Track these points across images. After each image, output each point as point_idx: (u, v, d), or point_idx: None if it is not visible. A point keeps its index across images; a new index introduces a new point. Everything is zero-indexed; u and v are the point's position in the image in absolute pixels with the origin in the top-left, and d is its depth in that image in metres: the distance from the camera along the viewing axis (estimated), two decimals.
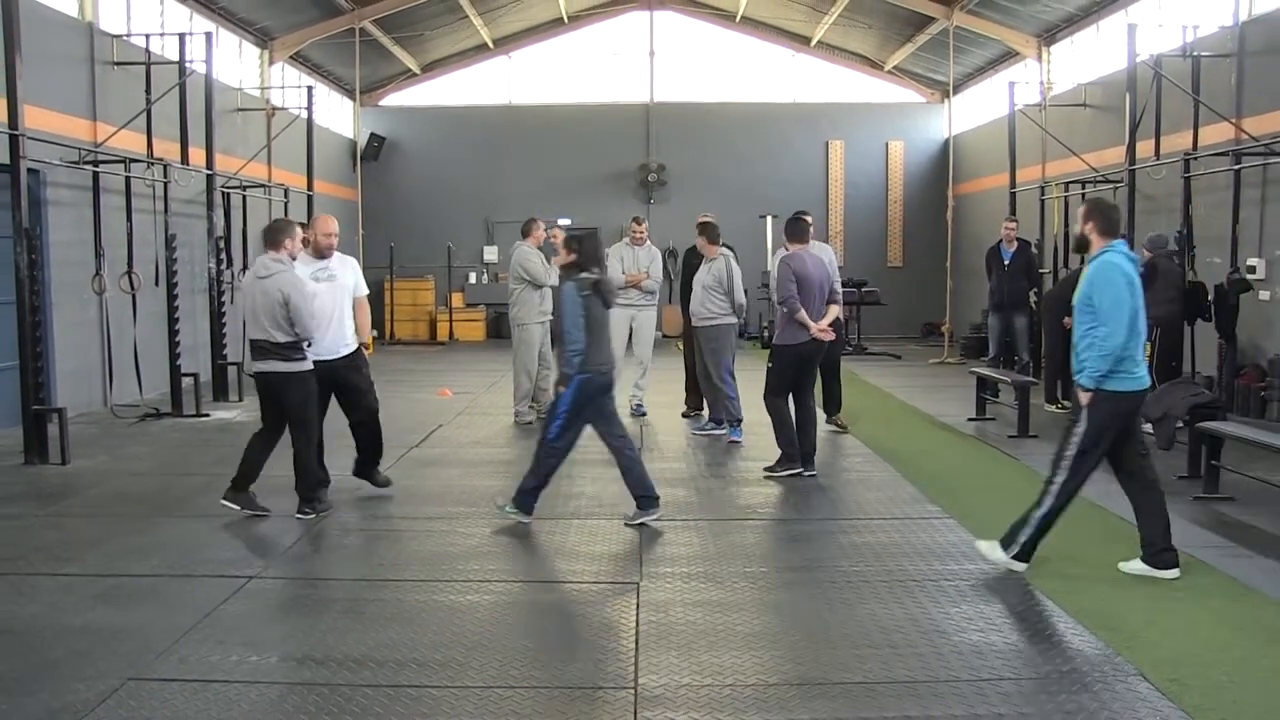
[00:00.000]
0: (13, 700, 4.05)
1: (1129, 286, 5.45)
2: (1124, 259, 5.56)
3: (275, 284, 6.56)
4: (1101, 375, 5.45)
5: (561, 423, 6.57)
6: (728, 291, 9.62)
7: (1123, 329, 5.39)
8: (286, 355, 6.64)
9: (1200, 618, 4.94)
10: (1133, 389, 5.54)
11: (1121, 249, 5.61)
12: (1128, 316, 5.39)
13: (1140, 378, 5.57)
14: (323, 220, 7.53)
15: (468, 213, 21.51)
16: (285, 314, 6.53)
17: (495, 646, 4.64)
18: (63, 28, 11.36)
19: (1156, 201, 12.51)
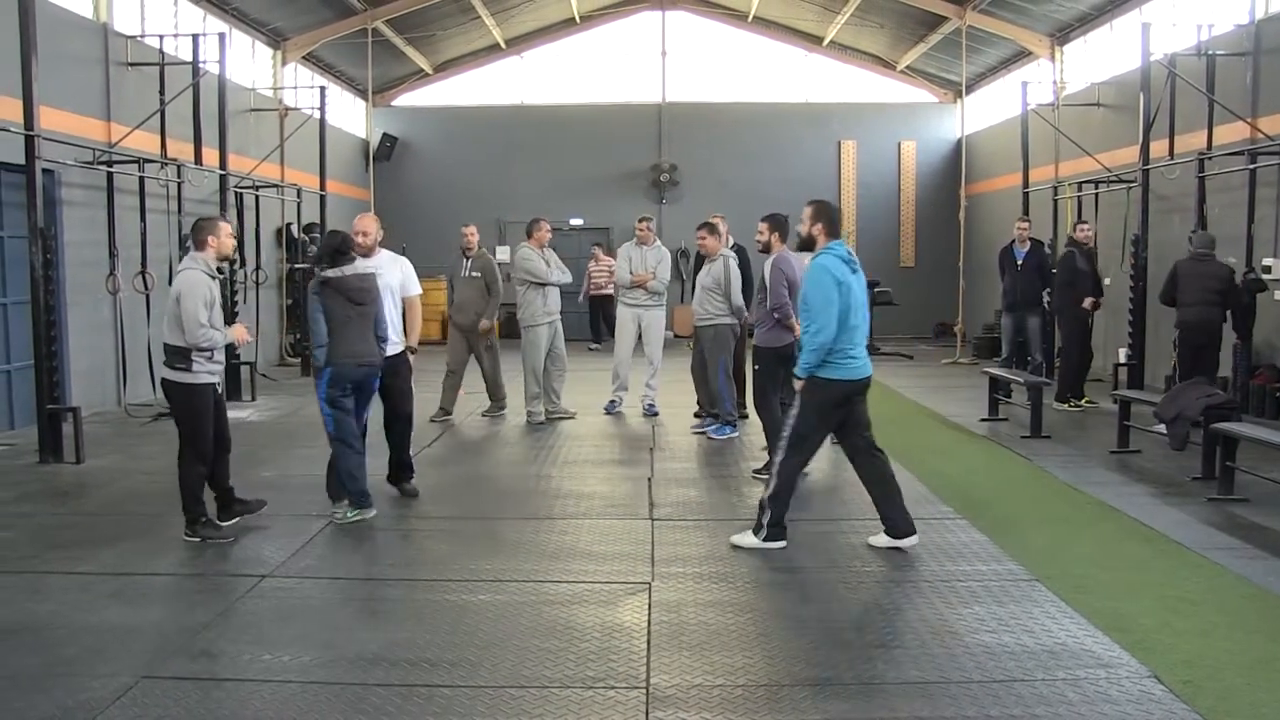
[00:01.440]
0: (28, 697, 4.07)
1: (838, 286, 5.94)
2: (837, 261, 6.05)
3: (176, 281, 6.33)
4: (813, 366, 6.00)
5: (326, 413, 6.80)
6: (725, 293, 9.62)
7: (832, 324, 5.91)
8: (173, 362, 6.25)
9: (1215, 620, 4.91)
10: (844, 377, 6.08)
11: (837, 251, 6.10)
12: (836, 313, 5.90)
13: (854, 367, 6.12)
14: (358, 220, 7.50)
15: (480, 212, 21.35)
16: (176, 313, 6.16)
17: (507, 646, 4.65)
18: (77, 29, 11.42)
19: (1171, 201, 12.45)
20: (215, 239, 6.36)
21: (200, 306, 6.14)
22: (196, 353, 6.20)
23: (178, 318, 6.14)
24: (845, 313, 5.95)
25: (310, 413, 11.25)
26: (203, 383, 6.31)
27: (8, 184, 9.92)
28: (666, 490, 7.69)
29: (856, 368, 6.14)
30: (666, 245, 11.54)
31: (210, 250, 6.35)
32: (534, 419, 10.52)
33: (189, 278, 6.23)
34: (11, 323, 10.18)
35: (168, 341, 6.26)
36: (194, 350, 6.19)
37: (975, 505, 7.14)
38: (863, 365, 6.20)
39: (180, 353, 6.21)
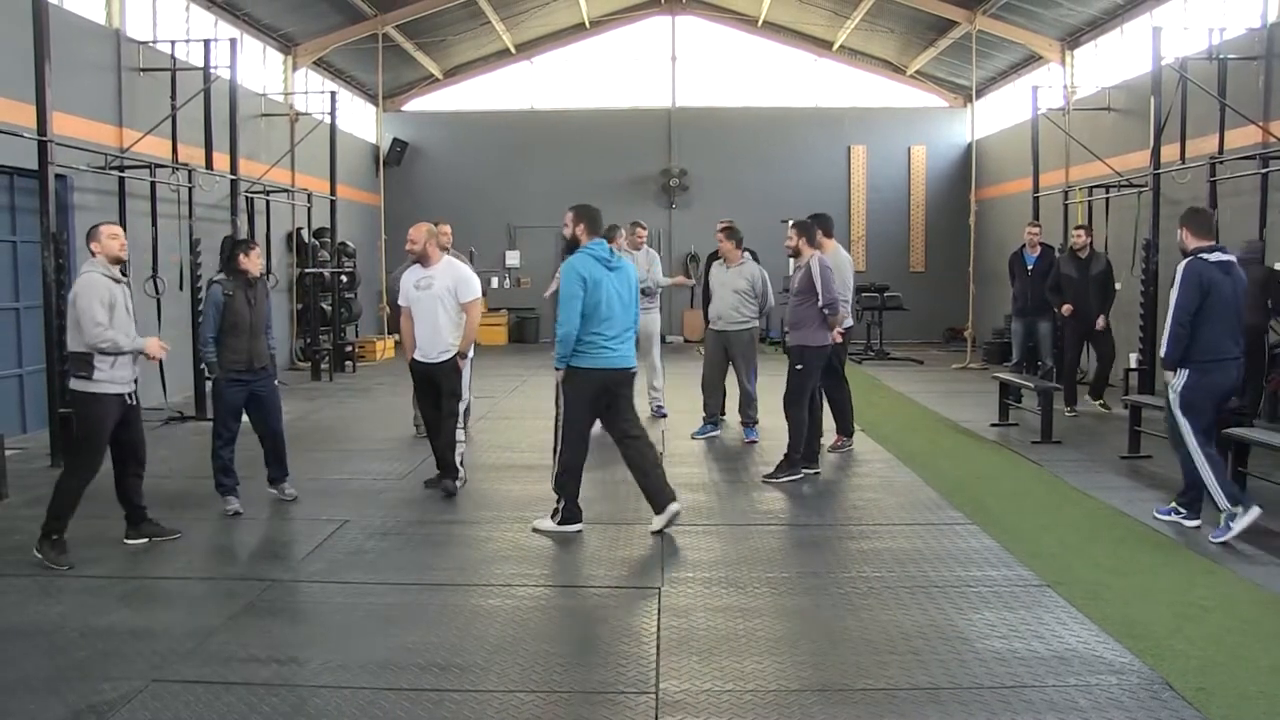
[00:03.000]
0: (40, 700, 4.09)
1: (583, 283, 6.36)
2: (589, 259, 6.45)
3: (74, 285, 6.08)
4: (566, 356, 6.40)
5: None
6: (759, 295, 9.69)
7: (574, 319, 6.33)
8: (75, 369, 6.00)
9: (1228, 626, 4.88)
10: (599, 366, 6.44)
11: (593, 250, 6.48)
12: (578, 308, 6.32)
13: (609, 358, 6.46)
14: (411, 229, 7.72)
15: (490, 217, 21.57)
16: (74, 316, 5.93)
17: (516, 651, 4.65)
18: (90, 35, 11.48)
19: (1182, 206, 12.30)
20: (97, 243, 6.12)
21: (96, 305, 5.89)
22: (99, 359, 5.94)
23: (77, 321, 5.92)
24: (595, 307, 6.37)
25: (320, 418, 11.29)
26: (105, 393, 6.00)
27: (21, 189, 9.98)
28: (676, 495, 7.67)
29: (612, 358, 6.50)
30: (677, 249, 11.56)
31: (99, 255, 6.09)
32: None
33: (84, 280, 6.00)
34: (24, 327, 10.23)
35: (69, 348, 6.07)
36: (96, 356, 5.93)
37: (985, 510, 7.12)
38: (619, 357, 6.55)
39: (81, 359, 5.96)
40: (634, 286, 6.67)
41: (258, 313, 7.24)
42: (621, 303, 6.52)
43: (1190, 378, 6.52)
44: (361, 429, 10.87)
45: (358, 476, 8.36)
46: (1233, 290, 6.51)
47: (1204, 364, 6.47)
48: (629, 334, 6.63)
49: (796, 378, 8.15)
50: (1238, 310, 6.55)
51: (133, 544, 6.28)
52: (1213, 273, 6.46)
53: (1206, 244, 6.58)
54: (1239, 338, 6.58)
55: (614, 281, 6.49)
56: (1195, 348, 6.46)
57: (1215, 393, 6.53)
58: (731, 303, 9.73)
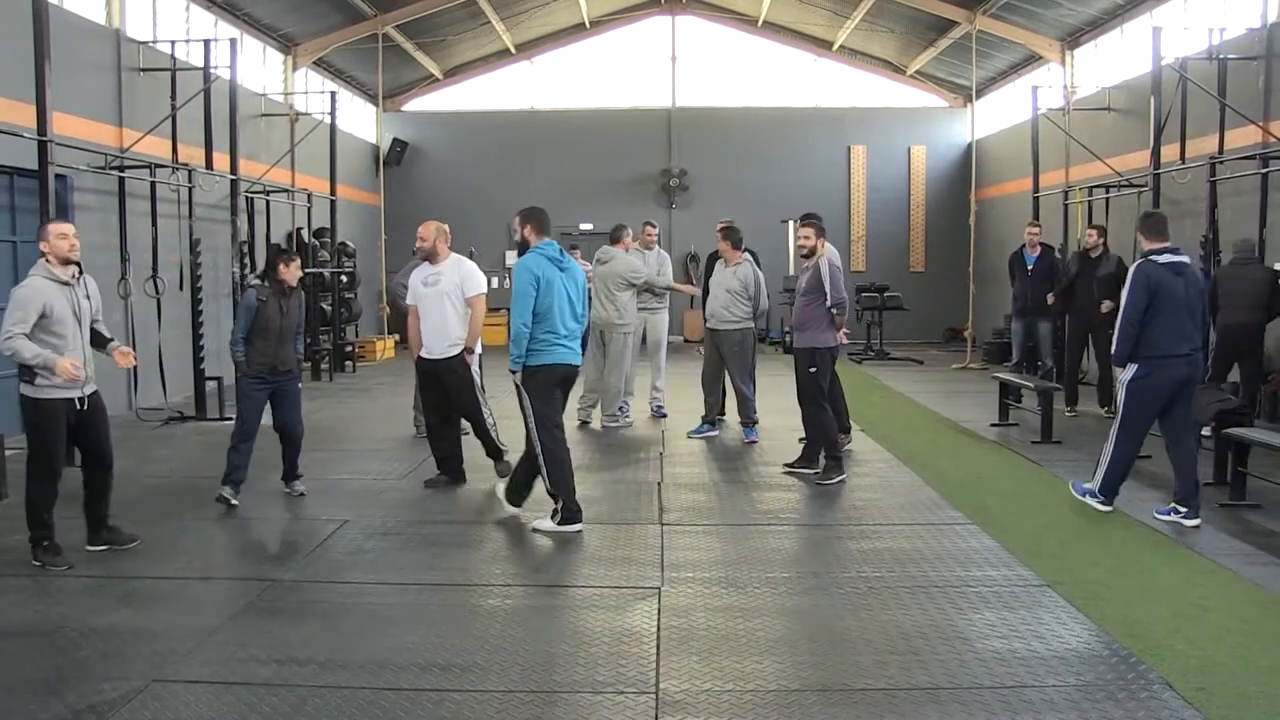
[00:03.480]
0: (40, 699, 4.09)
1: (536, 282, 6.47)
2: (540, 259, 6.56)
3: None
4: (521, 356, 6.49)
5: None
6: (753, 296, 9.67)
7: (525, 315, 6.45)
8: (20, 374, 5.83)
9: (1228, 626, 4.89)
10: (552, 361, 6.56)
11: (544, 250, 6.61)
12: (530, 305, 6.44)
13: (561, 354, 6.58)
14: (420, 226, 7.91)
15: (490, 217, 21.53)
16: None
17: (516, 651, 4.65)
18: (90, 34, 11.48)
19: (1182, 206, 12.41)
20: (45, 244, 5.91)
21: (14, 311, 5.70)
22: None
23: None
24: (548, 306, 6.50)
25: (320, 418, 11.29)
26: (47, 398, 5.82)
27: (21, 189, 9.97)
28: (676, 494, 7.69)
29: (566, 354, 6.63)
30: (677, 249, 11.58)
31: (49, 255, 5.88)
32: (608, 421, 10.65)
33: (23, 283, 5.86)
34: None
35: None
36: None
37: (985, 510, 7.12)
38: (572, 353, 6.68)
39: (23, 365, 5.77)
40: (582, 287, 6.82)
41: (289, 320, 7.48)
42: (571, 302, 6.65)
43: (1139, 371, 6.79)
44: (361, 429, 10.87)
45: (358, 476, 8.36)
46: (1184, 291, 6.73)
47: (1152, 360, 6.73)
48: (579, 331, 6.77)
49: (811, 380, 8.12)
50: (1190, 310, 6.75)
51: (93, 550, 6.12)
52: (1161, 274, 6.71)
53: (1159, 246, 6.82)
54: (1191, 336, 6.77)
55: (564, 281, 6.61)
56: (1144, 345, 6.72)
57: (1161, 387, 6.76)
58: (723, 302, 9.72)
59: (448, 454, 7.99)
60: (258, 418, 7.44)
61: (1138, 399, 6.83)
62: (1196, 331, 6.86)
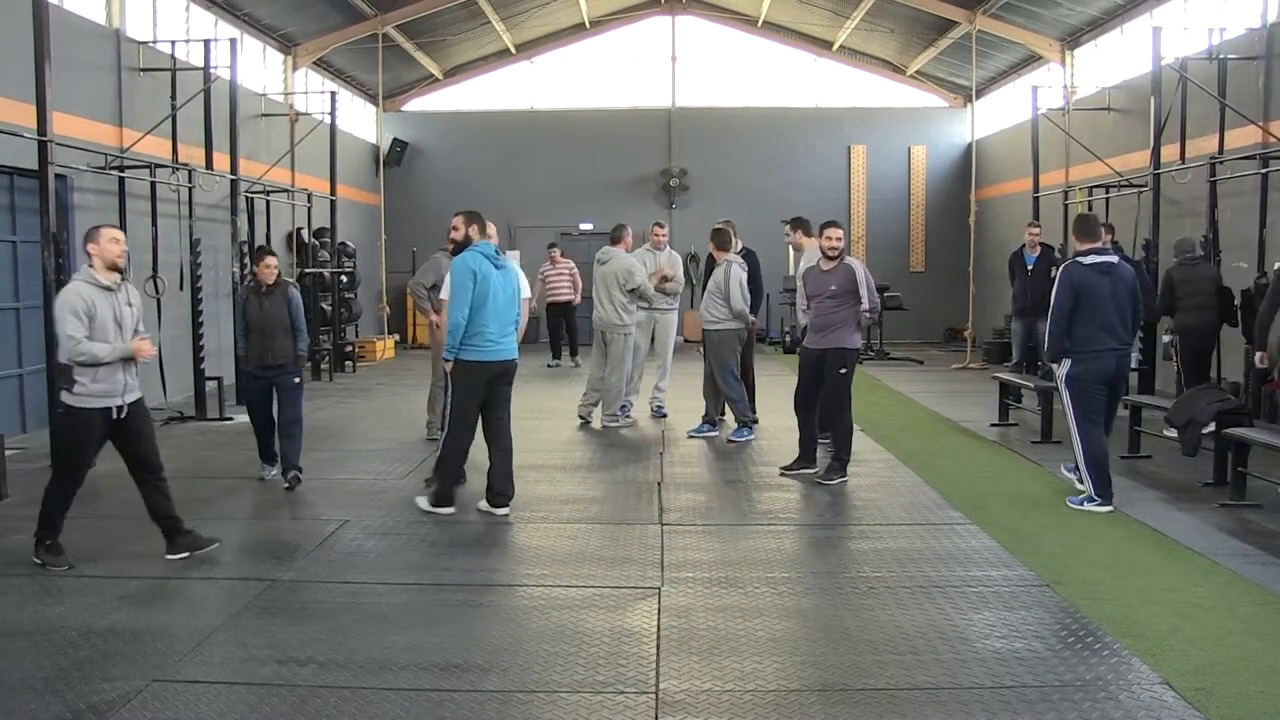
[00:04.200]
0: (40, 699, 4.09)
1: (472, 277, 6.76)
2: (478, 256, 6.87)
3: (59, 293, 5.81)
4: (455, 347, 6.77)
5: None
6: (724, 297, 9.66)
7: (462, 310, 6.72)
8: (60, 380, 5.80)
9: (1228, 626, 4.89)
10: (482, 359, 6.85)
11: (480, 249, 6.92)
12: (467, 300, 6.71)
13: (492, 350, 6.86)
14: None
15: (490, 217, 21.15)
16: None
17: (516, 650, 4.65)
18: (90, 35, 11.48)
19: (1182, 206, 12.42)
20: (95, 245, 5.82)
21: (69, 318, 5.63)
22: (78, 371, 5.69)
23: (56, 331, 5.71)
24: (482, 300, 6.77)
25: (320, 417, 11.29)
26: (85, 407, 5.77)
27: (21, 189, 9.98)
28: (676, 495, 7.69)
29: (496, 350, 6.91)
30: (677, 249, 11.58)
31: (95, 259, 5.81)
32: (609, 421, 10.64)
33: (66, 290, 5.78)
34: (24, 327, 10.22)
35: (56, 359, 5.89)
36: (74, 368, 5.68)
37: (985, 510, 7.12)
38: (503, 350, 6.96)
39: (63, 370, 5.75)
40: (516, 287, 7.12)
41: (268, 315, 7.92)
42: (505, 300, 6.94)
43: (1072, 367, 7.20)
44: (361, 429, 10.87)
45: (358, 476, 8.36)
46: (1110, 289, 7.11)
47: (1082, 355, 7.14)
48: (511, 329, 7.06)
49: (843, 381, 8.11)
50: (1117, 307, 7.13)
51: (175, 557, 5.99)
52: (1086, 275, 7.12)
53: (1087, 248, 7.22)
54: (1117, 331, 7.15)
55: (499, 279, 6.92)
56: (1074, 342, 7.14)
57: (1095, 379, 7.16)
58: (704, 303, 9.84)
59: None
60: (259, 409, 8.09)
61: (1078, 391, 7.21)
62: (1125, 328, 7.23)
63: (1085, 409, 7.22)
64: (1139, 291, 7.42)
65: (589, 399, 10.87)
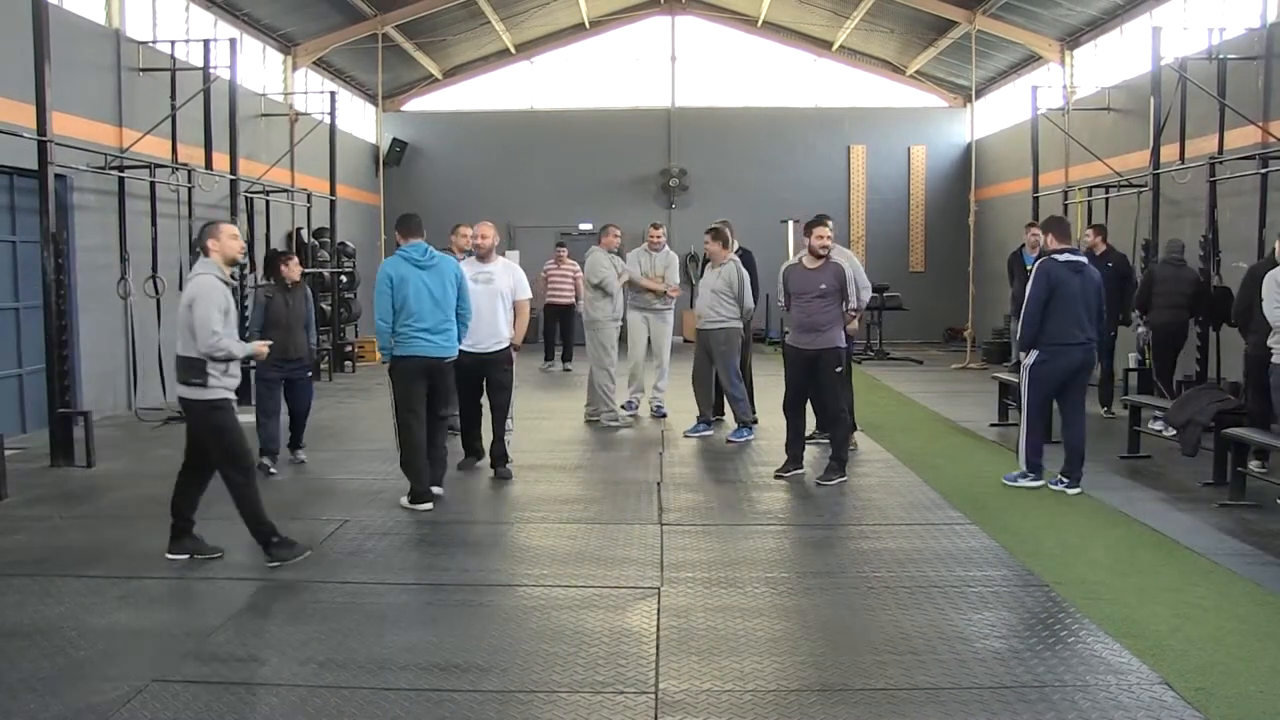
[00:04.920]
0: (40, 699, 4.09)
1: (388, 282, 7.09)
2: (399, 260, 7.17)
3: (188, 287, 5.84)
4: (386, 348, 7.16)
5: None
6: (737, 296, 9.70)
7: (384, 312, 7.06)
8: (187, 377, 5.77)
9: (1228, 626, 4.89)
10: (413, 354, 7.11)
11: (404, 252, 7.18)
12: (387, 303, 7.06)
13: (421, 346, 7.12)
14: (480, 225, 8.47)
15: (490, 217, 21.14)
16: (189, 321, 5.70)
17: (515, 650, 4.65)
18: (89, 35, 11.48)
19: (1181, 206, 12.41)
20: (216, 242, 5.89)
21: (214, 312, 5.69)
22: (212, 364, 5.73)
23: (190, 326, 5.69)
24: (404, 301, 7.06)
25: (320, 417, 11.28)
26: (221, 398, 5.84)
27: (21, 189, 9.98)
28: (676, 495, 7.69)
29: (426, 347, 7.13)
30: (676, 249, 11.61)
31: (215, 255, 5.89)
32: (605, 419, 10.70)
33: (202, 282, 5.78)
34: (24, 327, 10.23)
35: (180, 354, 5.79)
36: (209, 362, 5.73)
37: (985, 510, 7.12)
38: (434, 346, 7.15)
39: (194, 366, 5.73)
40: (449, 282, 7.23)
41: (292, 312, 8.54)
42: (432, 297, 7.13)
43: (1040, 357, 7.60)
44: (361, 429, 10.87)
45: (358, 476, 8.36)
46: (1081, 287, 7.53)
47: (1051, 347, 7.53)
48: (445, 325, 7.20)
49: (839, 381, 8.15)
50: (1086, 304, 7.54)
51: (175, 557, 5.96)
52: (1061, 271, 7.51)
53: (1061, 247, 7.66)
54: (1085, 326, 7.55)
55: (424, 278, 7.14)
56: (1044, 334, 7.53)
57: (1060, 370, 7.58)
58: (708, 302, 9.80)
59: (477, 441, 8.62)
60: (274, 397, 8.56)
61: (1038, 382, 7.66)
62: (1091, 324, 7.60)
63: (1040, 396, 7.68)
64: (1104, 292, 7.84)
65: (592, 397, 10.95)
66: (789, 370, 8.28)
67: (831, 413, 8.15)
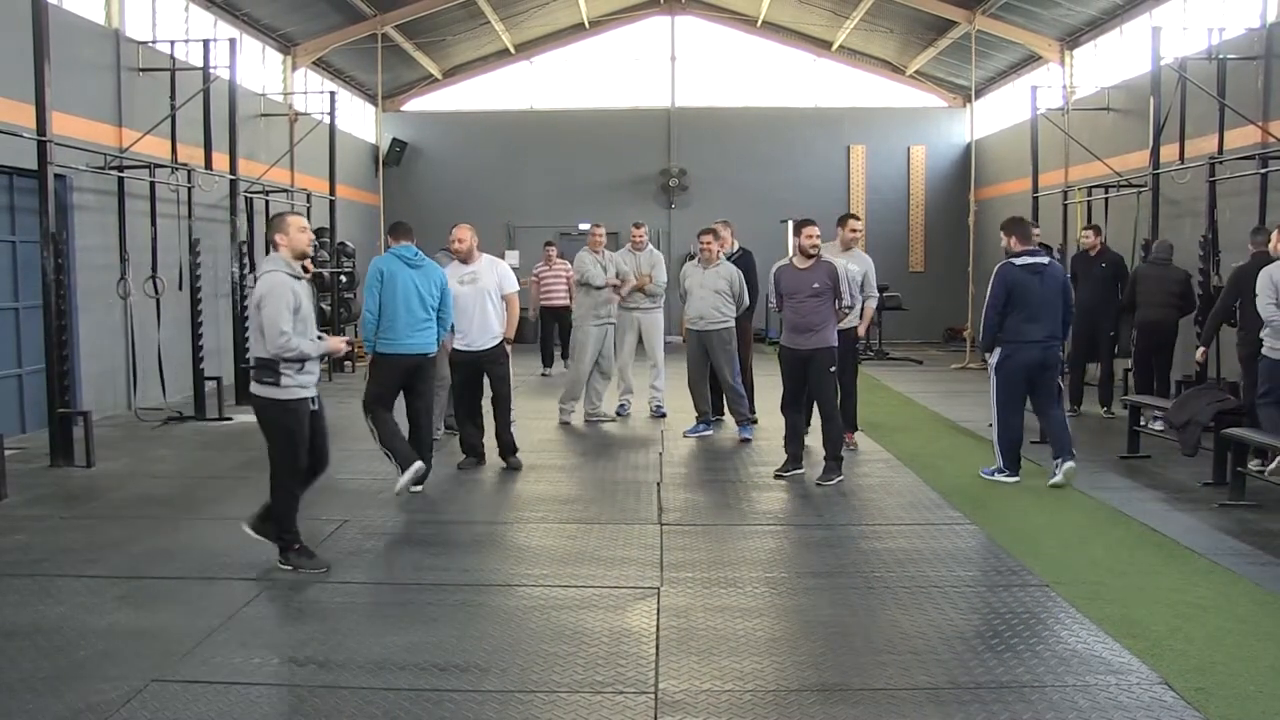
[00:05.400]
0: (40, 699, 4.09)
1: (378, 276, 7.45)
2: (391, 258, 7.53)
3: (257, 285, 5.69)
4: (371, 339, 7.48)
5: None
6: (736, 295, 9.79)
7: (372, 305, 7.42)
8: (260, 376, 5.65)
9: (1227, 626, 4.89)
10: (395, 351, 7.47)
11: (397, 251, 7.56)
12: (375, 300, 7.40)
13: (405, 344, 7.43)
14: (457, 229, 8.48)
15: (489, 217, 21.48)
16: (258, 321, 5.59)
17: (515, 650, 4.65)
18: (89, 35, 11.47)
19: (1181, 206, 12.41)
20: (284, 236, 5.68)
21: (284, 312, 5.50)
22: (285, 364, 5.58)
23: (259, 326, 5.55)
24: (391, 297, 7.40)
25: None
26: (294, 398, 5.66)
27: (20, 189, 9.98)
28: (675, 494, 7.70)
29: (409, 345, 7.49)
30: (676, 249, 11.62)
31: (284, 250, 5.67)
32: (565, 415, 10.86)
33: (270, 281, 5.57)
34: (23, 327, 10.23)
35: (253, 353, 5.69)
36: (281, 362, 5.57)
37: (985, 510, 7.12)
38: (416, 344, 7.51)
39: (266, 365, 5.57)
40: (435, 284, 7.60)
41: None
42: (419, 296, 7.48)
43: (1001, 354, 7.94)
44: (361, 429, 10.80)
45: (358, 476, 8.36)
46: (1040, 288, 7.82)
47: (1010, 344, 7.87)
48: (427, 324, 7.55)
49: (834, 380, 8.15)
50: (1047, 304, 7.84)
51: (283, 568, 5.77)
52: (1018, 274, 7.85)
53: (1021, 249, 7.94)
54: (1046, 325, 7.85)
55: (414, 277, 7.49)
56: (1005, 333, 7.88)
57: (1021, 366, 7.88)
58: (712, 303, 9.80)
59: (476, 440, 8.65)
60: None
61: (1003, 378, 7.96)
62: (1054, 322, 7.90)
63: (1007, 394, 7.96)
64: (1068, 291, 8.10)
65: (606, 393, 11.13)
66: (785, 370, 8.28)
67: (827, 412, 8.15)
